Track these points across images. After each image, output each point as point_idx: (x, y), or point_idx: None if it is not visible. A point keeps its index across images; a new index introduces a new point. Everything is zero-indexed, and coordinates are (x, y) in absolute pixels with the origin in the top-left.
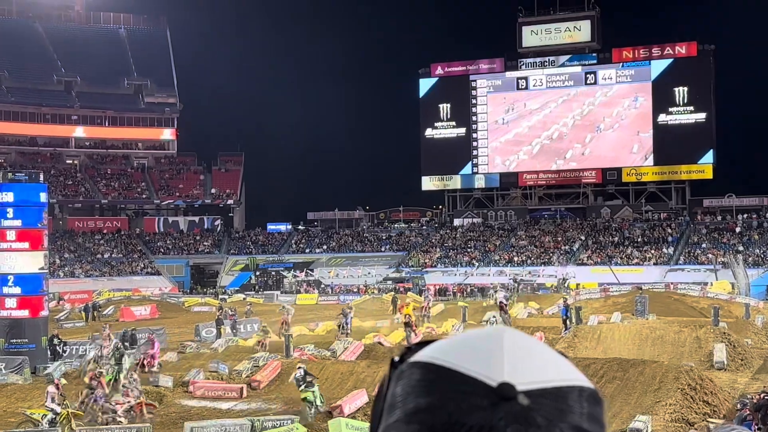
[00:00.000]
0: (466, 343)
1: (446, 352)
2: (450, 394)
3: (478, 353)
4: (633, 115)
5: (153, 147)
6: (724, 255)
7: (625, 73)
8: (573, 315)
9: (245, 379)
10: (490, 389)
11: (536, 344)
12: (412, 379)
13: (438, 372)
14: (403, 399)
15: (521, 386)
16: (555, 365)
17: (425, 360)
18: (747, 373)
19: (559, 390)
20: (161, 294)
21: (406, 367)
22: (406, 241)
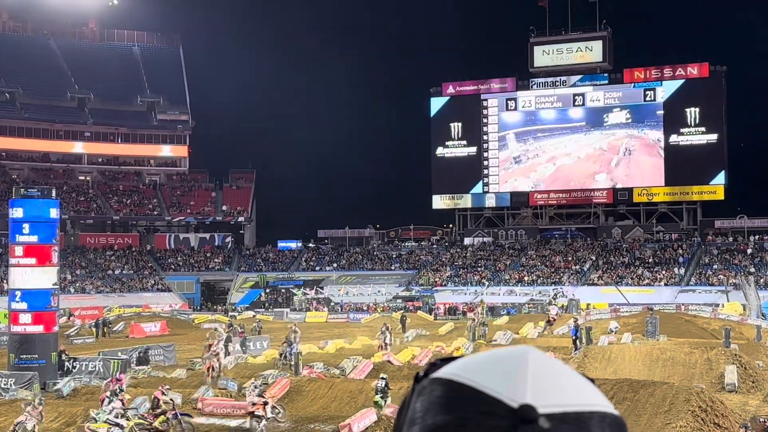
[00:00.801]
0: (490, 362)
1: (469, 370)
2: (470, 414)
3: (501, 373)
4: (644, 136)
5: (165, 164)
6: (735, 276)
7: (636, 94)
8: (583, 335)
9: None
10: (511, 410)
11: (561, 367)
12: (432, 395)
13: (459, 390)
14: (423, 415)
15: (543, 409)
16: (579, 389)
17: (447, 377)
18: (758, 395)
19: (581, 415)
20: (171, 310)
21: (427, 383)
22: (416, 260)
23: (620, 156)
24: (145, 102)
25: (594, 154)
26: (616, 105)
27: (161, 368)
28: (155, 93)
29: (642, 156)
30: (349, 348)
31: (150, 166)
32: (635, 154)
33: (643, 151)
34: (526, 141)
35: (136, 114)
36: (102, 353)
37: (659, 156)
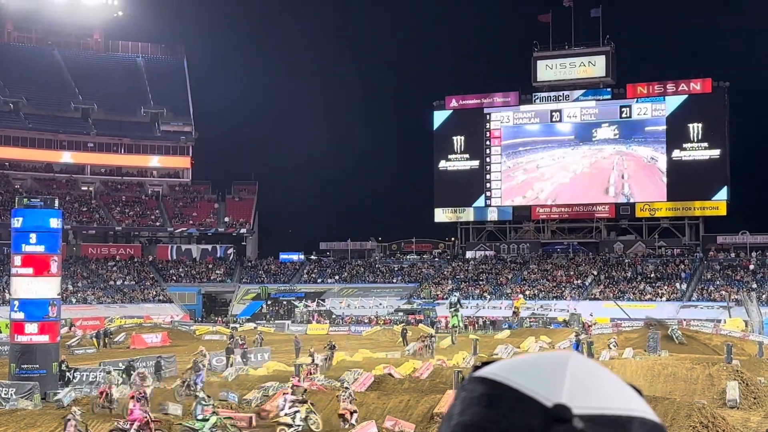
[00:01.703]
0: (531, 363)
1: (509, 370)
2: (504, 411)
3: (540, 374)
4: (647, 151)
5: (167, 175)
6: (737, 292)
7: (639, 109)
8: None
9: (255, 409)
10: (545, 409)
11: (603, 371)
12: (472, 392)
13: (496, 387)
14: (461, 411)
15: (578, 410)
16: (619, 394)
17: (486, 375)
18: (760, 411)
19: (618, 418)
20: (172, 322)
21: (468, 381)
22: (418, 273)
23: (621, 171)
24: (149, 113)
25: (596, 169)
26: (619, 119)
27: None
28: (159, 104)
29: (641, 171)
30: (350, 360)
31: (153, 177)
32: (635, 170)
33: (641, 166)
34: (529, 155)
35: (140, 125)
36: (103, 364)
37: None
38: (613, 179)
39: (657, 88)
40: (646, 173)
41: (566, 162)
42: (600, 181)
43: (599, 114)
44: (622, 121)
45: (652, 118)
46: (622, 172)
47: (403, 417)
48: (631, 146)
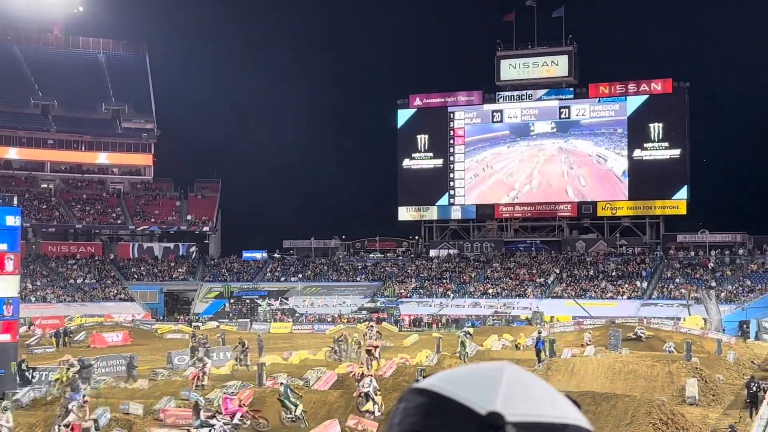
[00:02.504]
0: (467, 374)
1: (446, 381)
2: (440, 420)
3: (475, 384)
4: (607, 150)
5: (129, 172)
6: (696, 290)
7: (601, 108)
8: (547, 348)
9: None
10: (480, 417)
11: (538, 381)
12: (410, 403)
13: (433, 398)
14: (400, 421)
15: (512, 418)
16: (553, 402)
17: (424, 386)
18: (718, 408)
19: (551, 425)
20: (134, 320)
21: (407, 393)
22: (382, 271)
23: (583, 170)
24: (110, 110)
25: (559, 168)
26: (581, 118)
27: (123, 379)
28: (120, 101)
29: (603, 171)
30: (313, 359)
31: (114, 175)
32: (598, 166)
33: (606, 164)
34: (492, 154)
35: (101, 122)
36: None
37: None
38: (575, 178)
39: (618, 88)
40: (607, 172)
41: (529, 161)
42: (562, 180)
43: (561, 113)
44: (585, 120)
45: (614, 118)
46: (585, 171)
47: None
48: (595, 145)
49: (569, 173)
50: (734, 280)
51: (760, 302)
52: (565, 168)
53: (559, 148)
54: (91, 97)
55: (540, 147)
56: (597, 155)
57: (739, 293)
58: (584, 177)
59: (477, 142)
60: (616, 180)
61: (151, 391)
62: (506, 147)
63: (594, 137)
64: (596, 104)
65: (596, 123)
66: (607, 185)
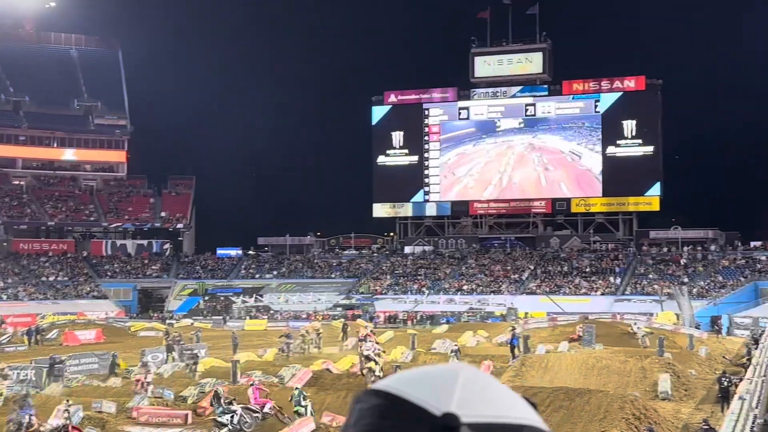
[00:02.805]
0: (423, 375)
1: (402, 382)
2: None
3: (431, 385)
4: (582, 147)
5: (102, 169)
6: (669, 286)
7: (575, 105)
8: (521, 344)
9: (191, 405)
10: (434, 418)
11: (493, 382)
12: (365, 404)
13: (389, 399)
14: (355, 422)
15: (467, 418)
16: (508, 403)
17: (380, 387)
18: (690, 403)
19: (507, 426)
20: (107, 318)
21: (363, 394)
22: (357, 268)
23: (559, 166)
24: (83, 106)
25: (533, 165)
26: (556, 115)
27: (96, 377)
28: (93, 97)
29: (577, 167)
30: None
31: (87, 171)
32: (572, 163)
33: (580, 160)
34: (467, 150)
35: (73, 118)
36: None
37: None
38: (550, 174)
39: (592, 85)
40: (581, 169)
41: (504, 157)
42: (537, 176)
43: (536, 110)
44: (559, 117)
45: (588, 115)
46: (558, 168)
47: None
48: (566, 141)
49: (542, 170)
50: (706, 275)
51: (731, 298)
52: (537, 165)
53: (530, 145)
54: (63, 93)
55: (509, 144)
56: (570, 152)
57: (711, 289)
58: (557, 174)
59: (452, 139)
60: (590, 177)
61: (124, 389)
62: (480, 144)
63: (564, 133)
64: (570, 101)
65: (566, 119)
66: (580, 182)
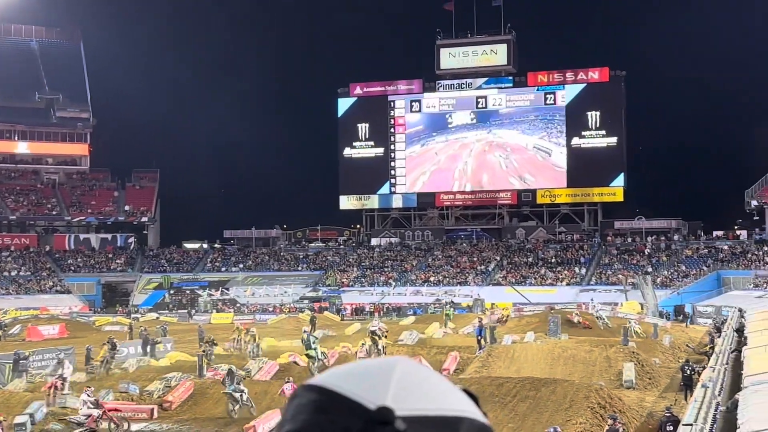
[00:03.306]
0: (359, 370)
1: (338, 377)
2: (330, 416)
3: (367, 379)
4: (547, 139)
5: (64, 162)
6: (633, 276)
7: (539, 97)
8: (487, 335)
9: (157, 400)
10: (368, 412)
11: (431, 375)
12: (301, 399)
13: (324, 394)
14: (291, 418)
15: (402, 412)
16: (445, 396)
17: (315, 383)
18: (654, 391)
19: (443, 419)
20: (70, 313)
21: (299, 390)
22: (323, 261)
23: (523, 157)
24: (44, 99)
25: (498, 156)
26: (521, 107)
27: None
28: (54, 90)
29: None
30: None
31: (49, 165)
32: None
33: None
34: (433, 142)
35: (35, 111)
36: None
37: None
38: (515, 166)
39: (557, 76)
40: (546, 160)
41: (470, 149)
42: (502, 167)
43: (501, 102)
44: (524, 108)
45: (552, 106)
46: (524, 159)
47: None
48: (532, 132)
49: (506, 162)
50: (669, 265)
51: (694, 287)
52: (502, 157)
53: (494, 136)
54: (24, 86)
55: (473, 136)
56: (534, 145)
57: (675, 278)
58: (521, 165)
59: (417, 131)
60: (555, 168)
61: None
62: (446, 135)
63: (528, 124)
64: (535, 92)
65: (530, 111)
66: (546, 173)
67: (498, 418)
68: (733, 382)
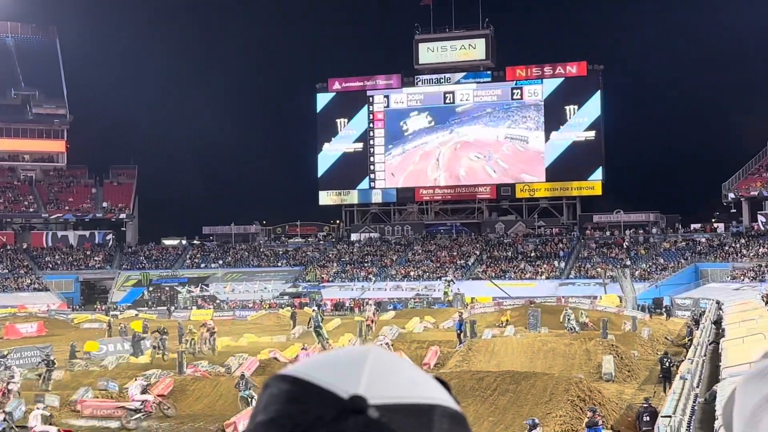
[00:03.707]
0: (331, 359)
1: (310, 367)
2: (303, 406)
3: (339, 368)
4: (526, 132)
5: (41, 159)
6: (612, 269)
7: (518, 91)
8: (467, 329)
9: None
10: (341, 401)
11: (403, 363)
12: (274, 389)
13: (297, 384)
14: (263, 408)
15: (374, 400)
16: (417, 384)
17: (288, 373)
18: (633, 384)
19: (416, 406)
20: (49, 311)
21: (271, 380)
22: (303, 256)
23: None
24: (20, 95)
25: (476, 150)
26: (499, 101)
27: (38, 370)
28: (30, 86)
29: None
30: (234, 345)
31: (25, 162)
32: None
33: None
34: (412, 137)
35: (10, 108)
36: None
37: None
38: (492, 159)
39: (535, 70)
40: (525, 154)
41: (448, 144)
42: (480, 161)
43: (480, 96)
44: (501, 102)
45: (531, 100)
46: (502, 153)
47: None
48: (511, 127)
49: (486, 157)
50: (648, 258)
51: (672, 279)
52: (482, 151)
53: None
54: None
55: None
56: (513, 138)
57: (653, 271)
58: (502, 159)
59: (396, 126)
60: (534, 162)
61: (67, 382)
62: (424, 130)
63: (508, 118)
64: (513, 86)
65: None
66: (525, 167)
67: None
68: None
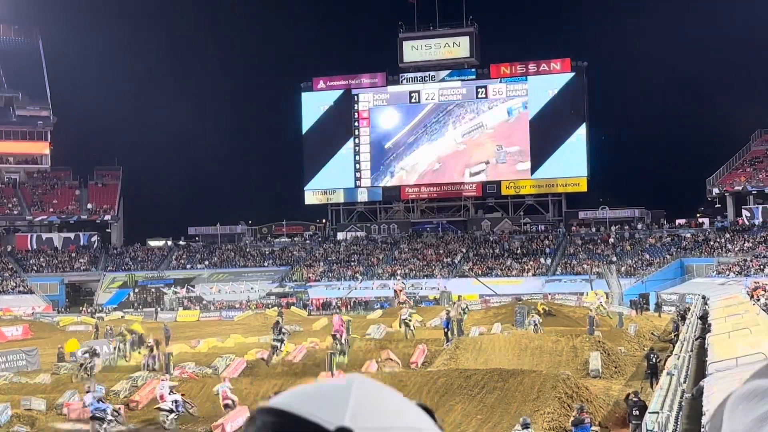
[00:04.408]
0: (316, 390)
1: (295, 398)
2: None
3: (324, 400)
4: (511, 129)
5: (25, 161)
6: (598, 265)
7: (503, 88)
8: (455, 327)
9: (123, 400)
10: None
11: (388, 392)
12: (260, 423)
13: (283, 416)
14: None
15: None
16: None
17: (273, 405)
18: (621, 380)
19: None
20: (34, 313)
21: (256, 413)
22: (290, 256)
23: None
24: (2, 97)
25: (461, 148)
26: (484, 99)
27: (24, 374)
28: (13, 88)
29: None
30: (222, 346)
31: (9, 164)
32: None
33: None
34: (397, 135)
35: None
36: None
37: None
38: (479, 158)
39: (519, 68)
40: (511, 150)
41: (434, 142)
42: (466, 159)
43: (464, 94)
44: (485, 100)
45: (516, 97)
46: (488, 150)
47: None
48: (496, 123)
49: (471, 153)
50: (633, 254)
51: (658, 275)
52: (467, 148)
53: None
54: None
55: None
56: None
57: (639, 267)
58: (488, 156)
59: (381, 124)
60: (519, 159)
61: (53, 385)
62: (410, 128)
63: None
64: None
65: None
66: (511, 163)
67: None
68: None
